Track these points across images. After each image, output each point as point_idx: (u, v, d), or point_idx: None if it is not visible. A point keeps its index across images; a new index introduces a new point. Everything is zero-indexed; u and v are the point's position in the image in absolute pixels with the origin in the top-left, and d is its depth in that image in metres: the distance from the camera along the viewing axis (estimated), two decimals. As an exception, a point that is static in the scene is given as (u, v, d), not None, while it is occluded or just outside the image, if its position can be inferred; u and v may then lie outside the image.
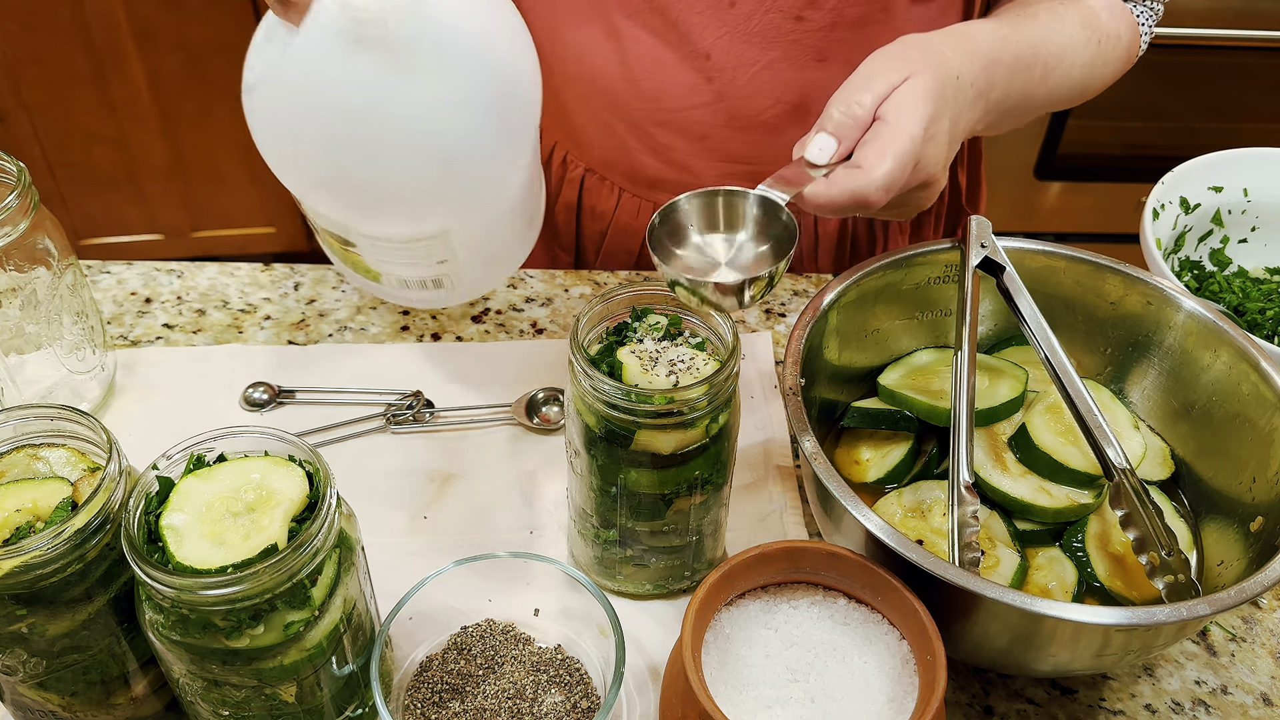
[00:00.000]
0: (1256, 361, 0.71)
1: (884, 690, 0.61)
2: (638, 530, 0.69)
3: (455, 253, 0.72)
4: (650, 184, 0.99)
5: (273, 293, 0.98)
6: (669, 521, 0.69)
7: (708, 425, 0.64)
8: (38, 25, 1.99)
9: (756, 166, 0.95)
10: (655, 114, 0.94)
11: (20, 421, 0.60)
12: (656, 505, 0.67)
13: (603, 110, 0.96)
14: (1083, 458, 0.72)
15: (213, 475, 0.57)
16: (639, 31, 0.91)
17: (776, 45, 0.89)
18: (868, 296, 0.77)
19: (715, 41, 0.89)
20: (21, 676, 0.59)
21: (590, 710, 0.66)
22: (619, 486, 0.66)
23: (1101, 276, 0.78)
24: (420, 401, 0.87)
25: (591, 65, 0.94)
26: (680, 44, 0.90)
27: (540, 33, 0.95)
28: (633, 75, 0.93)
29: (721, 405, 0.64)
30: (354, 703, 0.64)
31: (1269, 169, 1.04)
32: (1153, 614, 0.57)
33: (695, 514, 0.69)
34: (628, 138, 0.97)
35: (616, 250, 1.04)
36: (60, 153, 2.17)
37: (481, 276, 0.80)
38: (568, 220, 1.06)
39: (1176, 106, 2.06)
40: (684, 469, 0.65)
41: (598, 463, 0.66)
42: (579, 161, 1.02)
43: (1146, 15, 0.90)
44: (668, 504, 0.67)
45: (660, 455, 0.64)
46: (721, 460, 0.67)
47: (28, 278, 0.77)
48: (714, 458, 0.66)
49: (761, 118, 0.92)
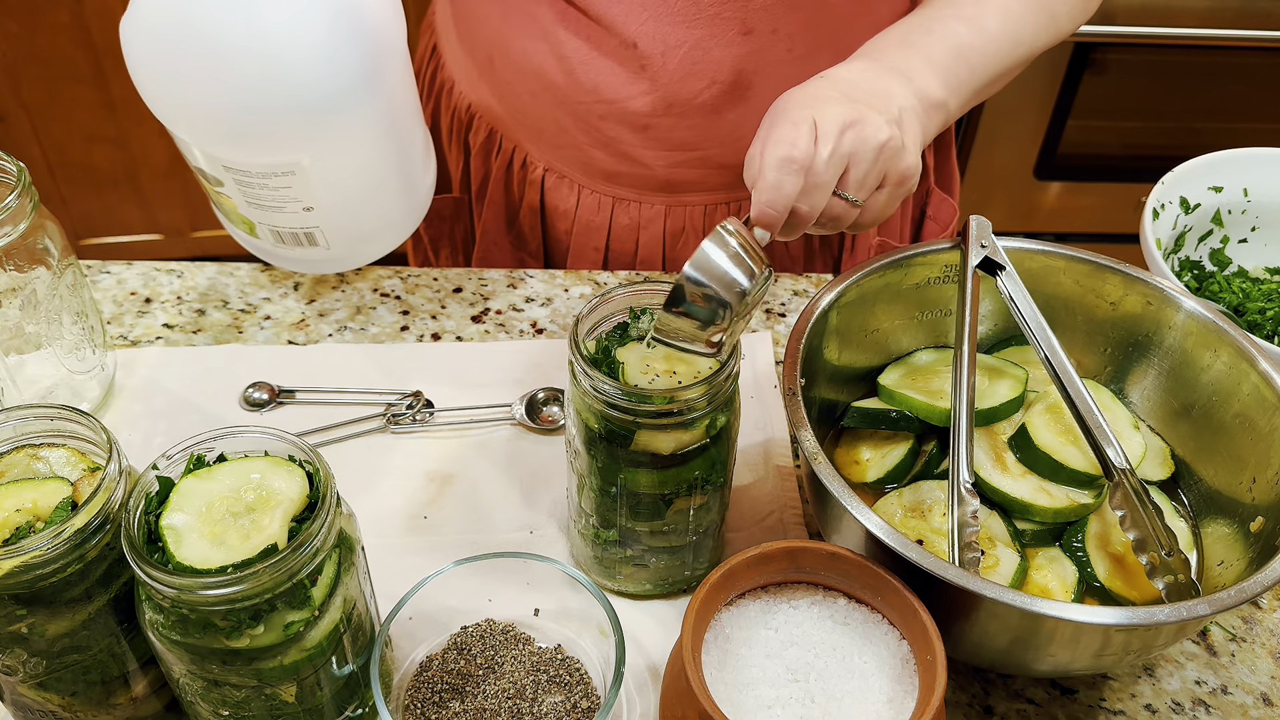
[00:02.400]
0: (1256, 361, 0.71)
1: (884, 690, 0.61)
2: (637, 530, 0.69)
3: (318, 198, 0.80)
4: (607, 178, 1.00)
5: (273, 293, 0.98)
6: (669, 521, 0.69)
7: (707, 425, 0.64)
8: (38, 25, 1.98)
9: (703, 152, 0.96)
10: (597, 108, 0.95)
11: (20, 421, 0.60)
12: (656, 505, 0.67)
13: (552, 108, 0.97)
14: (1083, 458, 0.72)
15: (213, 475, 0.57)
16: (568, 32, 0.92)
17: (699, 23, 0.89)
18: (868, 296, 0.77)
19: (640, 29, 0.89)
20: (21, 676, 0.59)
21: (590, 710, 0.66)
22: (619, 486, 0.66)
23: (1101, 276, 0.78)
24: (420, 401, 0.87)
25: (535, 66, 0.95)
26: (606, 37, 0.91)
27: (491, 42, 0.96)
28: (571, 72, 0.94)
29: (721, 405, 0.64)
30: (354, 703, 0.64)
31: (1269, 169, 1.04)
32: (1153, 614, 0.57)
33: (695, 514, 0.69)
34: (577, 134, 0.97)
35: (584, 248, 1.04)
36: (60, 153, 2.17)
37: (356, 242, 0.87)
38: (532, 224, 1.06)
39: (1176, 106, 2.06)
40: (684, 469, 0.65)
41: (598, 463, 0.66)
42: (538, 162, 1.02)
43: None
44: (668, 504, 0.67)
45: (660, 455, 0.64)
46: (721, 460, 0.67)
47: (28, 278, 0.77)
48: (714, 458, 0.66)
49: (698, 100, 0.92)
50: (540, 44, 0.94)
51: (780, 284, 1.02)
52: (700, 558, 0.73)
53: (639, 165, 0.97)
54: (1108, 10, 1.86)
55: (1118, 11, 1.87)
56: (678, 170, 0.97)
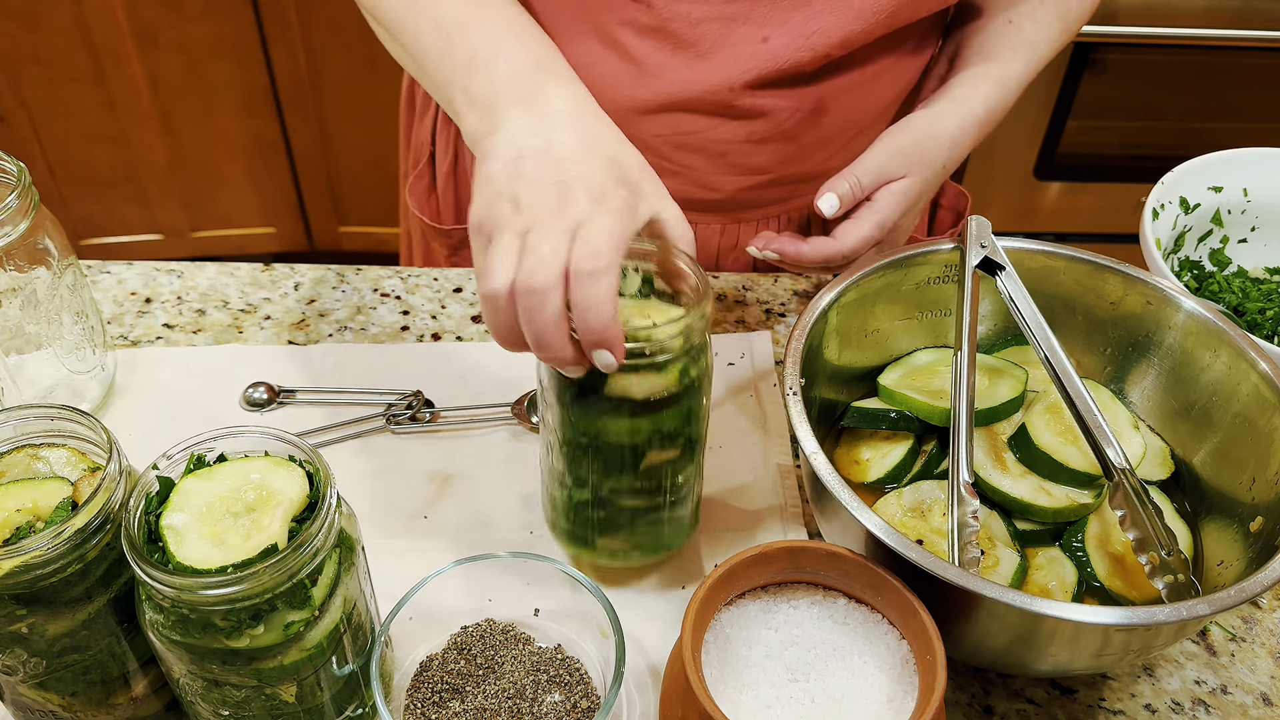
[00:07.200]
0: (1256, 362, 0.71)
1: (884, 690, 0.61)
2: (610, 488, 0.69)
3: None
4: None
5: (273, 293, 0.98)
6: (641, 478, 0.68)
7: (680, 372, 0.64)
8: (38, 25, 1.99)
9: (775, 174, 0.95)
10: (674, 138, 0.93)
11: (20, 421, 0.60)
12: (628, 458, 0.67)
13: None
14: (1083, 458, 0.72)
15: (213, 475, 0.57)
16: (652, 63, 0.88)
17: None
18: (868, 296, 0.77)
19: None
20: (21, 676, 0.59)
21: (590, 710, 0.66)
22: (591, 438, 0.66)
23: (1101, 276, 0.78)
24: (420, 401, 0.87)
25: (607, 88, 0.89)
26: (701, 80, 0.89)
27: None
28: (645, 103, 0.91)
29: (695, 352, 0.64)
30: (354, 703, 0.64)
31: (1269, 169, 1.04)
32: (1153, 614, 0.57)
33: (668, 472, 0.69)
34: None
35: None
36: (60, 153, 2.17)
37: None
38: None
39: (1176, 106, 2.06)
40: (657, 417, 0.65)
41: (571, 414, 0.66)
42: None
43: None
44: (639, 457, 0.67)
45: (633, 401, 0.64)
46: (695, 414, 0.67)
47: (28, 278, 0.77)
48: (687, 410, 0.66)
49: (782, 127, 0.91)
50: (609, 54, 0.88)
51: (780, 284, 1.02)
52: (676, 527, 0.73)
53: (708, 189, 0.95)
54: (1108, 10, 1.86)
55: (1118, 11, 1.87)
56: (745, 192, 0.96)
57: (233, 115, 2.16)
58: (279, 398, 0.87)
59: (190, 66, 2.08)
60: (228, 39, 2.05)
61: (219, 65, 2.09)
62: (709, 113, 0.89)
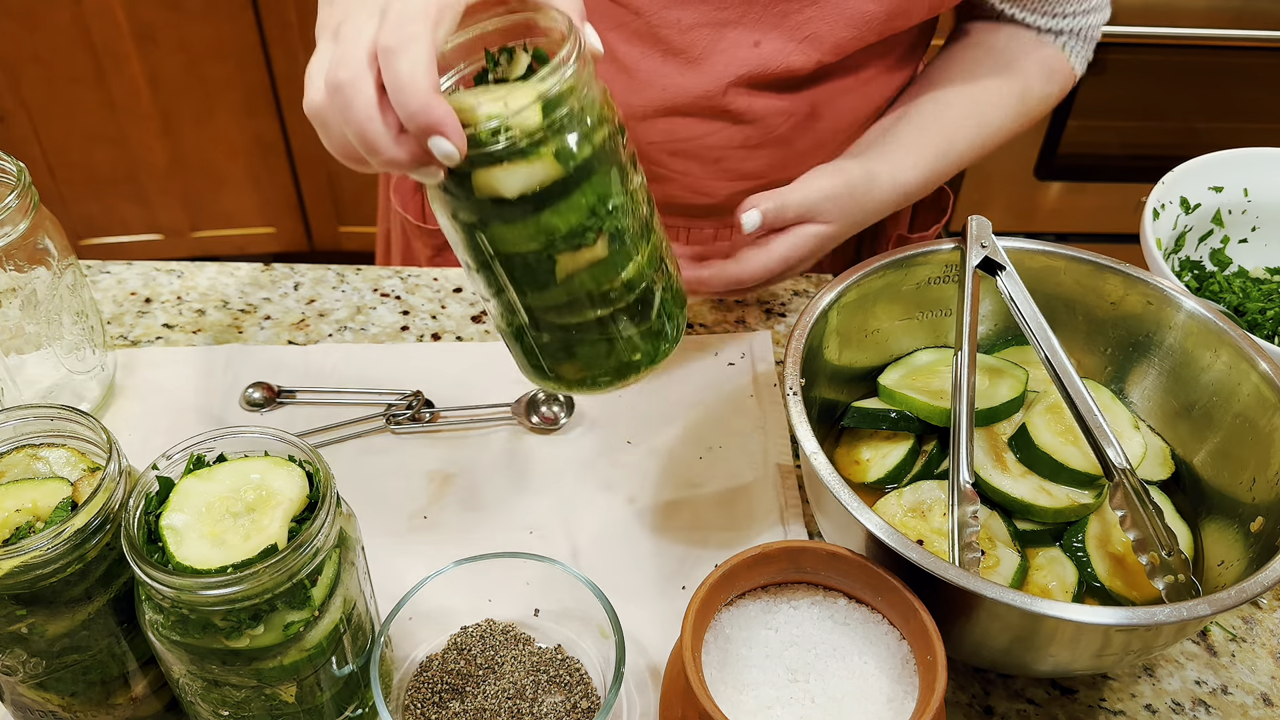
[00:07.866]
0: (1256, 362, 0.71)
1: (884, 690, 0.61)
2: (537, 305, 0.60)
3: None
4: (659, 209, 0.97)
5: (273, 293, 0.98)
6: (564, 288, 0.58)
7: (557, 153, 0.54)
8: (38, 25, 1.99)
9: (768, 179, 0.93)
10: (669, 145, 0.92)
11: (20, 421, 0.60)
12: (540, 269, 0.57)
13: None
14: (1083, 458, 0.72)
15: (213, 475, 0.57)
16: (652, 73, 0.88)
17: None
18: (868, 296, 0.77)
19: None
20: (21, 676, 0.59)
21: (590, 710, 0.66)
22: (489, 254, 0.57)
23: (1101, 276, 0.78)
24: (420, 401, 0.87)
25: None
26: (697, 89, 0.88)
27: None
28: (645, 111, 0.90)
29: (576, 126, 0.54)
30: (354, 703, 0.64)
31: (1269, 169, 1.04)
32: (1153, 614, 0.57)
33: (592, 277, 0.58)
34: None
35: None
36: (60, 153, 2.17)
37: None
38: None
39: (1176, 106, 2.06)
40: (549, 214, 0.55)
41: (455, 230, 0.58)
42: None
43: (1077, 46, 0.95)
44: (552, 265, 0.57)
45: (508, 200, 0.54)
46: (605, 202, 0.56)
47: (28, 278, 0.77)
48: (590, 200, 0.55)
49: (776, 133, 0.91)
50: (601, 62, 0.89)
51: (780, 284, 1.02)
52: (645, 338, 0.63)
53: (701, 195, 0.95)
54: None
55: (1118, 11, 1.86)
56: (738, 197, 0.95)
57: (232, 115, 2.16)
58: (279, 398, 0.87)
59: (190, 66, 2.08)
60: (227, 39, 2.05)
61: (219, 65, 2.09)
62: (703, 117, 0.89)
